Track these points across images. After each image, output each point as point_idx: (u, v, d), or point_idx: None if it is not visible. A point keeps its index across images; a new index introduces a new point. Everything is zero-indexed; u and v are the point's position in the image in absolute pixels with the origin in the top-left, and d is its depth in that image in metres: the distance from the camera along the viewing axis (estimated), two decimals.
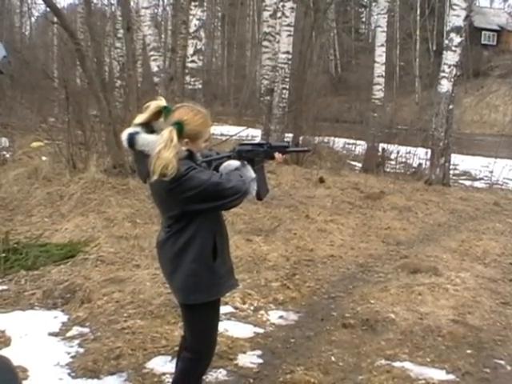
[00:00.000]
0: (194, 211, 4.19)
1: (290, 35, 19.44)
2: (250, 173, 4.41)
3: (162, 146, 4.01)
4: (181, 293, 4.42)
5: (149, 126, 4.26)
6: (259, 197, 4.60)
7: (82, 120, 14.86)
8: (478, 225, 13.02)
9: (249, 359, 6.04)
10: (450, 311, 7.46)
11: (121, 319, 6.73)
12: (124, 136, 4.25)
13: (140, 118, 4.28)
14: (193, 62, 16.41)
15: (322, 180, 15.97)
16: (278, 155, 4.62)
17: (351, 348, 6.45)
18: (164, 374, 5.52)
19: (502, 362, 6.26)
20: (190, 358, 4.52)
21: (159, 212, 4.49)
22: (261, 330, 6.80)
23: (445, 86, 17.88)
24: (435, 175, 18.03)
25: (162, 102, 4.29)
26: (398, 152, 21.04)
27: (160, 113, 4.26)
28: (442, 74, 18.01)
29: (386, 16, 22.54)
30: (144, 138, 4.17)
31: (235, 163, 4.46)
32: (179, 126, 4.14)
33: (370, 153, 21.24)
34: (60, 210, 11.03)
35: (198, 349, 4.51)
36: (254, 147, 4.62)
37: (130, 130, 4.24)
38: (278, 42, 19.87)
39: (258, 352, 6.24)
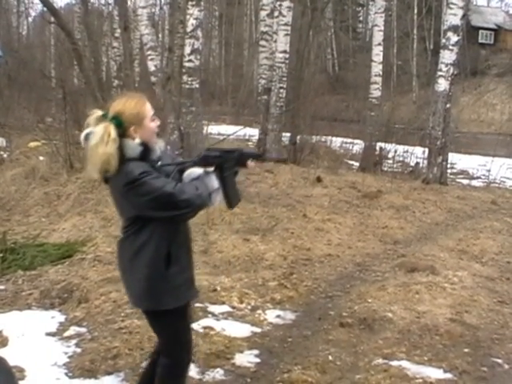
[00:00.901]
0: (147, 217, 4.11)
1: (287, 34, 19.40)
2: (212, 183, 4.25)
3: (99, 141, 3.96)
4: (135, 298, 4.36)
5: None
6: (229, 206, 4.49)
7: (80, 119, 14.83)
8: (475, 223, 13.02)
9: (246, 358, 6.05)
10: (447, 310, 7.46)
11: (118, 319, 6.73)
12: (82, 136, 4.14)
13: (86, 130, 4.14)
14: (190, 61, 16.34)
15: (319, 179, 15.95)
16: (250, 163, 4.51)
17: (348, 347, 6.46)
18: None
19: (500, 361, 6.27)
20: (166, 364, 4.42)
21: (118, 213, 4.42)
22: (258, 330, 6.81)
23: (442, 84, 17.88)
24: (433, 174, 18.02)
25: (97, 112, 4.17)
26: (395, 151, 20.98)
27: (101, 120, 4.12)
28: (440, 73, 18.00)
29: (384, 15, 22.55)
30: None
31: (197, 171, 4.32)
32: (116, 120, 4.05)
33: (367, 152, 21.21)
34: (57, 210, 11.03)
35: (172, 353, 4.42)
36: (222, 153, 4.42)
37: (87, 130, 4.11)
38: (276, 41, 19.83)
39: (256, 351, 6.25)
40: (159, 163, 4.25)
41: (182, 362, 4.49)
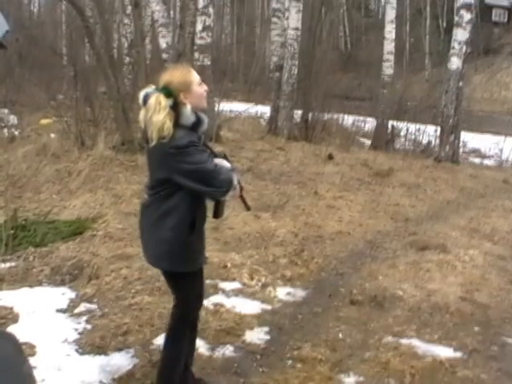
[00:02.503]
0: (177, 183, 4.33)
1: (299, 11, 19.30)
2: (235, 179, 4.52)
3: (152, 112, 4.25)
4: (154, 257, 4.64)
5: None
6: (216, 215, 4.77)
7: (91, 97, 14.86)
8: (486, 202, 12.99)
9: (256, 335, 6.07)
10: (458, 288, 7.46)
11: (128, 295, 6.75)
12: (141, 95, 4.44)
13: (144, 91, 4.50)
14: (201, 38, 16.34)
15: (330, 157, 15.92)
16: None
17: (359, 324, 6.47)
18: None
19: (510, 340, 6.28)
20: (176, 313, 4.71)
21: (149, 174, 4.56)
22: (268, 307, 6.81)
23: (455, 63, 17.80)
24: (444, 152, 17.98)
25: (150, 86, 4.50)
26: (407, 129, 20.94)
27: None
28: (452, 51, 17.92)
29: None
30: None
31: (227, 164, 4.58)
32: (166, 90, 4.32)
33: (379, 130, 21.15)
34: (68, 187, 11.03)
35: (186, 305, 4.71)
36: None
37: (147, 89, 4.45)
38: (287, 18, 19.73)
39: (266, 328, 6.26)
40: (203, 137, 4.55)
41: (190, 313, 4.79)
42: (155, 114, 4.22)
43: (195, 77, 4.48)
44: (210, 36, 16.85)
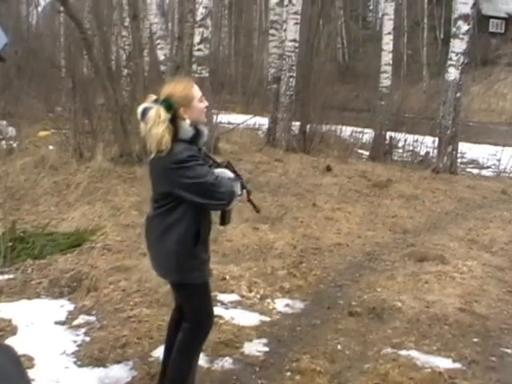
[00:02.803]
0: (179, 196, 4.36)
1: (297, 23, 19.37)
2: (238, 189, 4.57)
3: (151, 124, 4.27)
4: (163, 269, 4.66)
5: None
6: (223, 222, 4.85)
7: (89, 109, 14.88)
8: (485, 213, 13.00)
9: (255, 347, 6.06)
10: (456, 299, 7.45)
11: (127, 308, 6.75)
12: (139, 109, 4.46)
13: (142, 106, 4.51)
14: (199, 50, 16.38)
15: (329, 168, 15.95)
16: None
17: (357, 336, 6.46)
18: None
19: (509, 351, 6.27)
20: (190, 328, 4.68)
21: (152, 189, 4.60)
22: (267, 318, 6.81)
23: (452, 74, 17.84)
24: (442, 163, 17.99)
25: (151, 97, 4.50)
26: (405, 140, 20.95)
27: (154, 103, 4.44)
28: (450, 62, 17.96)
29: (394, 4, 22.45)
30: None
31: (229, 174, 4.61)
32: (166, 103, 4.34)
33: (377, 141, 21.18)
34: (67, 199, 11.04)
35: (198, 319, 4.69)
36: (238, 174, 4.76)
37: (146, 103, 4.46)
38: (285, 30, 19.80)
39: (264, 340, 6.25)
40: (204, 148, 4.62)
41: (206, 326, 4.78)
42: (154, 126, 4.24)
43: (197, 92, 4.50)
44: (207, 48, 16.90)
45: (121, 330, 6.16)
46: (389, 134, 20.96)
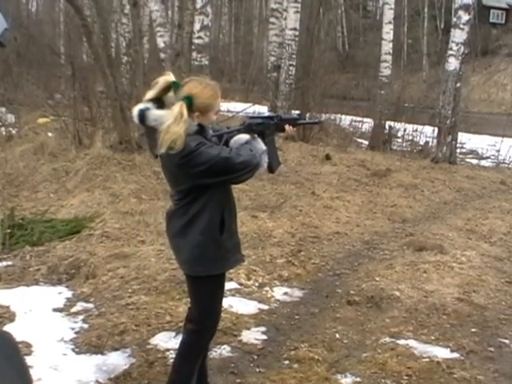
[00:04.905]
0: (204, 185, 4.25)
1: (297, 12, 19.32)
2: (261, 145, 4.45)
3: (172, 121, 4.06)
4: (186, 264, 4.48)
5: (159, 102, 4.28)
6: (271, 170, 4.68)
7: (89, 96, 14.82)
8: (484, 203, 12.99)
9: (253, 335, 6.06)
10: (455, 289, 7.46)
11: (125, 295, 6.75)
12: (135, 112, 4.28)
13: (150, 93, 4.30)
14: (199, 38, 16.31)
15: (328, 157, 15.92)
16: (288, 127, 4.72)
17: (356, 325, 6.47)
18: (168, 349, 5.54)
19: (507, 341, 6.27)
20: (193, 330, 4.56)
21: (169, 185, 4.51)
22: (265, 307, 6.82)
23: (452, 64, 17.78)
24: (442, 153, 17.96)
25: (170, 77, 4.29)
26: (404, 130, 20.91)
27: (169, 88, 4.27)
28: (450, 52, 17.90)
29: None
30: (154, 114, 4.20)
31: (245, 137, 4.51)
32: (189, 100, 4.17)
33: (376, 130, 21.12)
34: (66, 186, 11.03)
35: (202, 320, 4.54)
36: (264, 120, 4.65)
37: (141, 106, 4.27)
38: (285, 18, 19.76)
39: (263, 328, 6.26)
40: (211, 134, 4.46)
41: (210, 330, 4.65)
42: (175, 124, 4.06)
43: (218, 105, 4.41)
44: (207, 36, 16.84)
45: (119, 318, 6.16)
46: (388, 123, 20.87)
